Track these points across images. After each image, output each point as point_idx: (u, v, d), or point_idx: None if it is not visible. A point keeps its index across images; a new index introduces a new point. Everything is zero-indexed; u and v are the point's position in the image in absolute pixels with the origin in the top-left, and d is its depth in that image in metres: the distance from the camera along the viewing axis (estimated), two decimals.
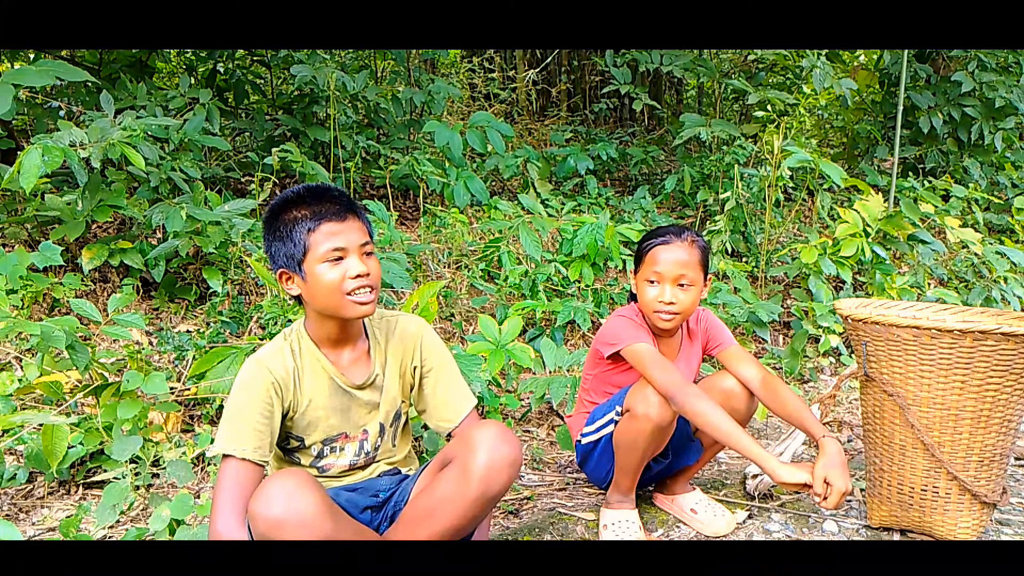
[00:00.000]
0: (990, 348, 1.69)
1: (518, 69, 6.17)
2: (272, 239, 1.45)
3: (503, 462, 1.37)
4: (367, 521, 1.51)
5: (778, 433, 2.75)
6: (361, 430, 1.56)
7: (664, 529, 2.02)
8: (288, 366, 1.47)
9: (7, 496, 2.05)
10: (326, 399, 1.50)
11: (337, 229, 1.41)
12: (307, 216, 1.41)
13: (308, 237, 1.40)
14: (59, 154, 2.37)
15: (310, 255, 1.41)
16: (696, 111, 5.54)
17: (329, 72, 3.63)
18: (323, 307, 1.45)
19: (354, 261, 1.42)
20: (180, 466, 1.84)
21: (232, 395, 1.45)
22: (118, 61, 3.79)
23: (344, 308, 1.43)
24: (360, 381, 1.54)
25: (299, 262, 1.42)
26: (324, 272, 1.41)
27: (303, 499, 1.25)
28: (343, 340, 1.53)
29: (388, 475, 1.61)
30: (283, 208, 1.44)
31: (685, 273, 1.84)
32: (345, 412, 1.53)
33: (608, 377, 1.97)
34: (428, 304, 2.30)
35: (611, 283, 3.61)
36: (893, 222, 3.64)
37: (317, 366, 1.50)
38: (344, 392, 1.52)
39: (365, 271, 1.42)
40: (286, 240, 1.42)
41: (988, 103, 4.76)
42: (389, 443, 1.61)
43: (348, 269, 1.41)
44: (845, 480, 1.58)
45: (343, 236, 1.42)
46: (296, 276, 1.44)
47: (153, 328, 2.88)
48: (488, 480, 1.36)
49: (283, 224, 1.43)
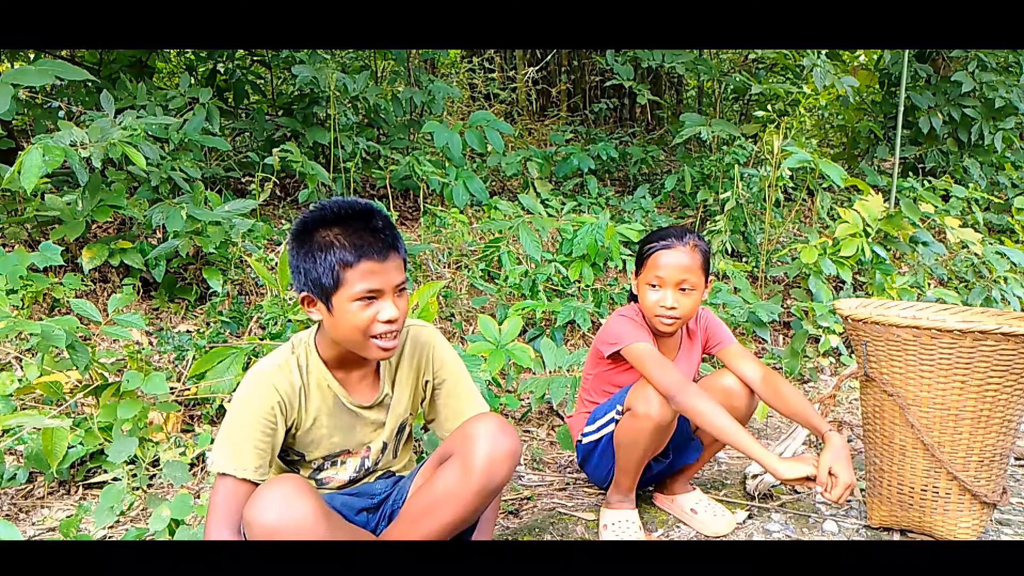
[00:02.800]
0: (990, 348, 1.69)
1: (518, 69, 6.17)
2: (302, 257, 1.32)
3: (503, 453, 1.34)
4: (363, 523, 1.50)
5: (778, 433, 2.75)
6: (364, 447, 1.52)
7: (664, 529, 2.02)
8: (295, 383, 1.40)
9: (7, 496, 2.05)
10: (330, 418, 1.46)
11: (376, 269, 1.29)
12: (345, 246, 1.28)
13: (344, 272, 1.28)
14: (60, 154, 2.37)
15: (343, 291, 1.30)
16: (696, 111, 5.54)
17: (329, 72, 3.63)
18: (342, 341, 1.38)
19: (388, 304, 1.32)
20: (177, 467, 1.84)
21: (233, 408, 1.37)
22: (118, 61, 3.79)
23: (366, 350, 1.36)
24: (368, 402, 1.48)
25: (329, 294, 1.31)
26: (354, 312, 1.30)
27: (299, 506, 1.22)
28: (355, 363, 1.46)
29: (383, 478, 1.59)
30: (319, 226, 1.31)
31: (687, 278, 1.83)
32: (349, 430, 1.49)
33: (609, 377, 1.97)
34: (428, 304, 2.30)
35: (611, 283, 3.61)
36: (893, 222, 3.64)
37: (324, 384, 1.44)
38: (350, 412, 1.47)
39: (396, 315, 1.33)
40: (318, 265, 1.29)
41: (988, 103, 4.76)
42: (390, 456, 1.59)
43: (380, 312, 1.31)
44: (850, 473, 1.59)
45: (381, 277, 1.30)
46: (321, 304, 1.34)
47: (153, 328, 2.88)
48: (490, 472, 1.33)
49: (317, 246, 1.30)
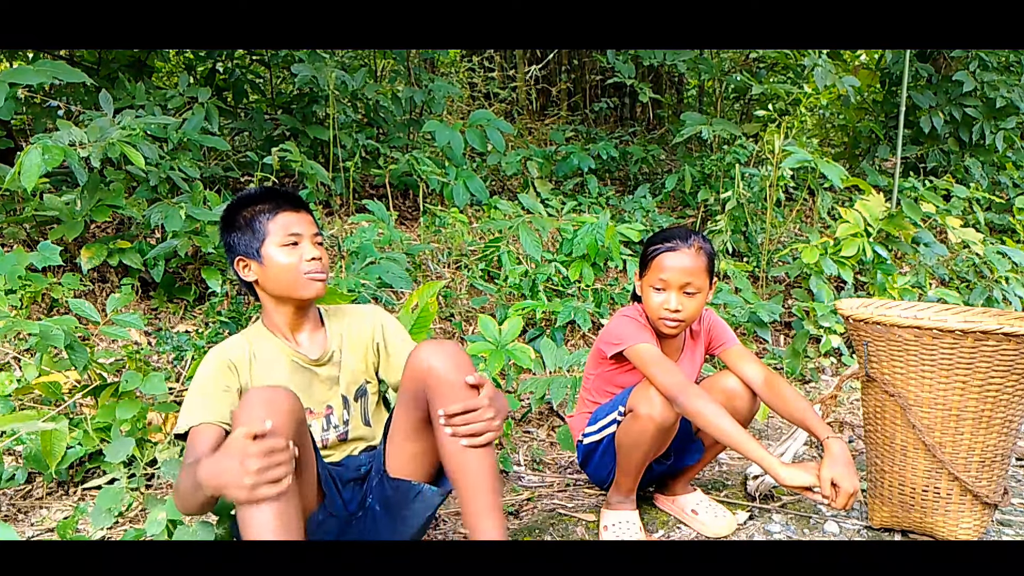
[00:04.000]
0: (992, 348, 1.69)
1: (518, 68, 6.16)
2: (231, 231, 1.60)
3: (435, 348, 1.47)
4: (350, 496, 1.60)
5: (779, 434, 2.74)
6: (325, 406, 1.64)
7: (665, 530, 2.01)
8: (244, 348, 1.60)
9: (6, 497, 2.05)
10: (286, 378, 1.59)
11: (293, 219, 1.59)
12: (264, 206, 1.59)
13: (267, 224, 1.57)
14: (59, 153, 2.36)
15: (269, 240, 1.56)
16: (697, 110, 5.54)
17: (329, 71, 3.63)
18: (279, 288, 1.59)
19: (308, 246, 1.58)
20: (174, 465, 1.83)
21: (191, 385, 1.56)
22: (117, 61, 3.78)
23: (299, 286, 1.58)
24: (316, 356, 1.64)
25: (257, 248, 1.57)
26: (284, 255, 1.56)
27: (283, 391, 1.36)
28: (298, 324, 1.65)
29: (367, 452, 1.68)
30: (243, 204, 1.61)
31: (691, 281, 1.82)
32: (307, 389, 1.61)
33: (611, 377, 1.96)
34: (428, 304, 2.30)
35: (611, 283, 3.61)
36: (894, 222, 3.63)
37: (273, 348, 1.62)
38: (303, 369, 1.62)
39: (318, 255, 1.59)
40: (246, 230, 1.58)
41: (989, 103, 4.75)
42: (359, 419, 1.67)
43: (303, 252, 1.57)
44: (852, 480, 1.57)
45: (298, 224, 1.59)
46: (253, 262, 1.59)
47: (152, 328, 2.88)
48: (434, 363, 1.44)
49: (243, 217, 1.59)
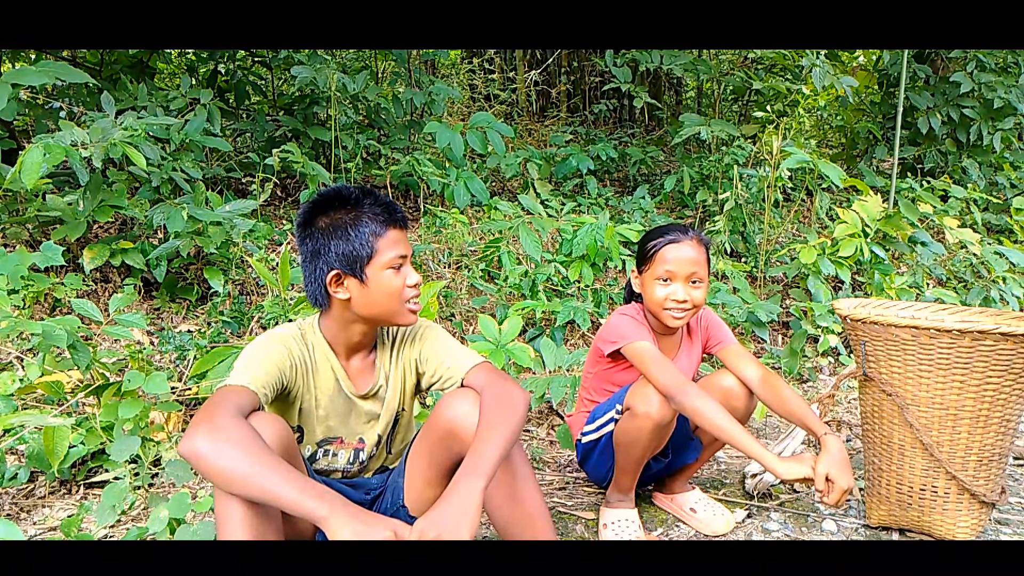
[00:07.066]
0: (988, 348, 1.70)
1: (518, 70, 6.18)
2: (328, 236, 1.38)
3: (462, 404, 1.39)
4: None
5: (777, 432, 2.75)
6: (357, 438, 1.56)
7: (663, 528, 2.02)
8: (304, 354, 1.45)
9: (8, 496, 2.06)
10: (329, 400, 1.50)
11: (401, 237, 1.41)
12: (374, 219, 1.38)
13: (376, 241, 1.37)
14: (60, 152, 2.38)
15: (377, 259, 1.38)
16: (695, 111, 5.55)
17: (330, 73, 3.64)
18: (373, 311, 1.43)
19: (410, 270, 1.43)
20: (178, 466, 1.84)
21: (250, 347, 1.38)
22: (119, 62, 3.80)
23: (400, 315, 1.43)
24: (364, 391, 1.53)
25: (363, 267, 1.38)
26: (388, 278, 1.39)
27: (279, 423, 1.28)
28: (359, 346, 1.51)
29: (379, 473, 1.63)
30: (341, 204, 1.39)
31: (696, 271, 1.85)
32: (344, 417, 1.53)
33: (609, 375, 1.97)
34: (428, 304, 2.31)
35: (611, 283, 3.62)
36: (892, 222, 3.64)
37: (327, 365, 1.49)
38: (347, 398, 1.52)
39: (419, 279, 1.44)
40: (351, 240, 1.36)
41: (987, 103, 4.76)
42: (384, 452, 1.61)
43: (407, 277, 1.42)
44: (847, 477, 1.59)
45: (404, 244, 1.41)
46: (354, 280, 1.39)
47: (154, 328, 2.89)
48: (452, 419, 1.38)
49: (345, 223, 1.37)
